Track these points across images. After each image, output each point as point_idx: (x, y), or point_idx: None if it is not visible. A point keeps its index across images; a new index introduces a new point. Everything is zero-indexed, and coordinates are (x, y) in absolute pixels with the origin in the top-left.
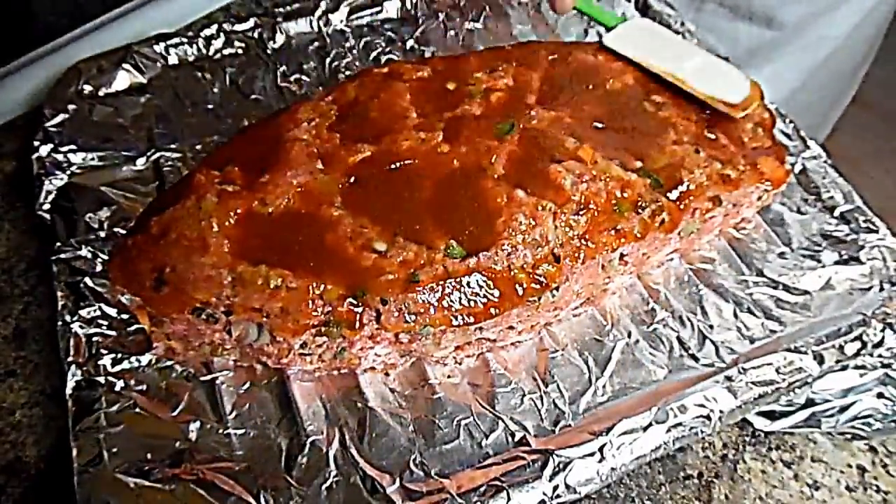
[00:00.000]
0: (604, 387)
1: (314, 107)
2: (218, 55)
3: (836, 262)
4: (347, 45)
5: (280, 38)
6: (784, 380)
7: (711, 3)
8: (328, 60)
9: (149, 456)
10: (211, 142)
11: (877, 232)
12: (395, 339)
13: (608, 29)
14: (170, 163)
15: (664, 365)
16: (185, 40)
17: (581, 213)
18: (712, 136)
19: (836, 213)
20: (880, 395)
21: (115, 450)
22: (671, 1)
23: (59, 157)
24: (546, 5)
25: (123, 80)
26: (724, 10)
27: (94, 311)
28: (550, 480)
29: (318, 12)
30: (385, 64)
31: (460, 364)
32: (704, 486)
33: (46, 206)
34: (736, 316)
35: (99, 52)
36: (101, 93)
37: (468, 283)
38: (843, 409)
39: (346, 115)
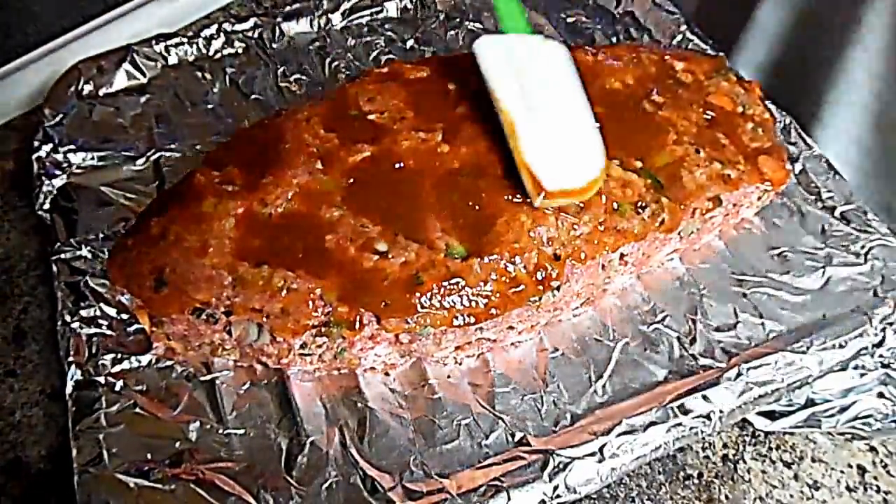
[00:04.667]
0: (604, 387)
1: (314, 107)
2: (218, 55)
3: (836, 262)
4: (347, 45)
5: (280, 38)
6: (784, 380)
7: None
8: (328, 60)
9: (149, 456)
10: (211, 142)
11: (877, 232)
12: (395, 339)
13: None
14: (170, 163)
15: (664, 365)
16: (185, 40)
17: (581, 213)
18: (712, 136)
19: (836, 213)
20: (880, 395)
21: (115, 450)
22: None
23: (59, 157)
24: (545, 4)
25: (123, 80)
26: None
27: (94, 311)
28: (550, 480)
29: (318, 12)
30: (385, 64)
31: (460, 364)
32: (704, 486)
33: (46, 206)
34: (736, 316)
35: (99, 52)
36: (101, 93)
37: (469, 284)
38: (843, 409)
39: (346, 115)
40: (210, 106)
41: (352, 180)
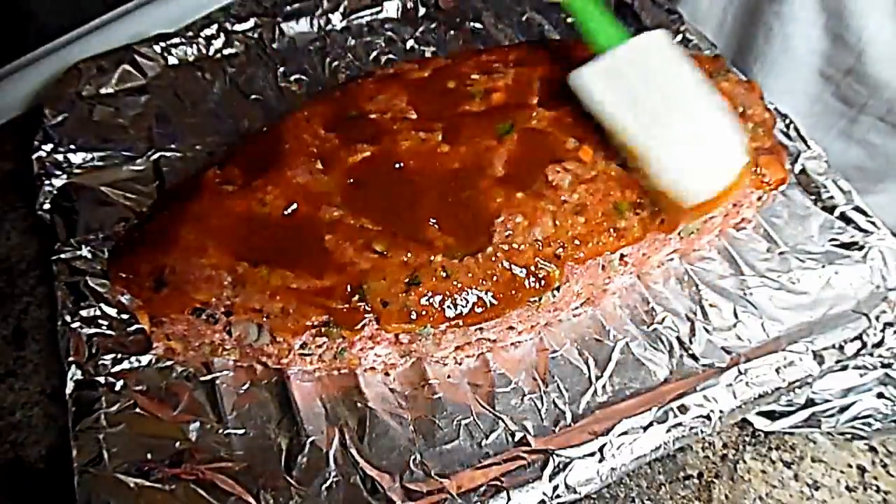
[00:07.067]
0: (604, 387)
1: (314, 107)
2: (218, 55)
3: (836, 262)
4: (347, 45)
5: (280, 38)
6: (784, 380)
7: (870, 118)
8: (328, 60)
9: (149, 456)
10: (211, 142)
11: (877, 232)
12: (395, 339)
13: (595, 51)
14: (170, 163)
15: (664, 365)
16: (185, 40)
17: (581, 213)
18: None
19: (836, 213)
20: (880, 395)
21: (115, 450)
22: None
23: (59, 157)
24: (545, 5)
25: (123, 80)
26: (884, 125)
27: (94, 311)
28: (550, 480)
29: (318, 12)
30: (385, 64)
31: (460, 364)
32: (704, 486)
33: (46, 206)
34: (736, 316)
35: (99, 52)
36: (101, 93)
37: (469, 284)
38: (843, 409)
39: (347, 116)
40: (210, 106)
41: (351, 180)
